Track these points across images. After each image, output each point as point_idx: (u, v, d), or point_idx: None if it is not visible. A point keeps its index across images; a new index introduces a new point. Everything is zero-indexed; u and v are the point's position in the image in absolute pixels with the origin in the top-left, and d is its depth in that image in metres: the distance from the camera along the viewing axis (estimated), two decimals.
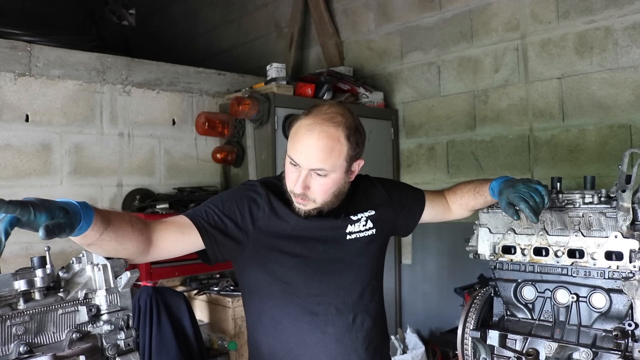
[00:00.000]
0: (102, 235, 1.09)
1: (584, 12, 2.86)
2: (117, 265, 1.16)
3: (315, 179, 1.38)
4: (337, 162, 1.38)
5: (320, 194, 1.40)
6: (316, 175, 1.37)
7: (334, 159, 1.37)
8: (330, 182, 1.40)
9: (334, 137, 1.36)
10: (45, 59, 2.82)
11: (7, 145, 2.72)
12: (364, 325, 1.50)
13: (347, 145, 1.39)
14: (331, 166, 1.37)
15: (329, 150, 1.36)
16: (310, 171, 1.37)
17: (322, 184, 1.39)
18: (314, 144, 1.35)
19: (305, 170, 1.37)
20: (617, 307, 1.38)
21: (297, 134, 1.38)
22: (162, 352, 2.37)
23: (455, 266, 3.42)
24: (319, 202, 1.42)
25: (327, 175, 1.38)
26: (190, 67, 3.42)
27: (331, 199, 1.44)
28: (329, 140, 1.36)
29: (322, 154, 1.35)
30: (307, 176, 1.38)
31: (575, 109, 2.92)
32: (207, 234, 1.35)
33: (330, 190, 1.41)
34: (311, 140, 1.35)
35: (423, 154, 3.64)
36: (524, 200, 1.39)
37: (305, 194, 1.40)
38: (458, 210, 1.73)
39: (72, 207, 1.01)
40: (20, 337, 1.01)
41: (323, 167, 1.36)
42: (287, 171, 1.43)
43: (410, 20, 3.65)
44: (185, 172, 3.39)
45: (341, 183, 1.43)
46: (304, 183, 1.38)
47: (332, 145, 1.36)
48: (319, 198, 1.41)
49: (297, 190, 1.38)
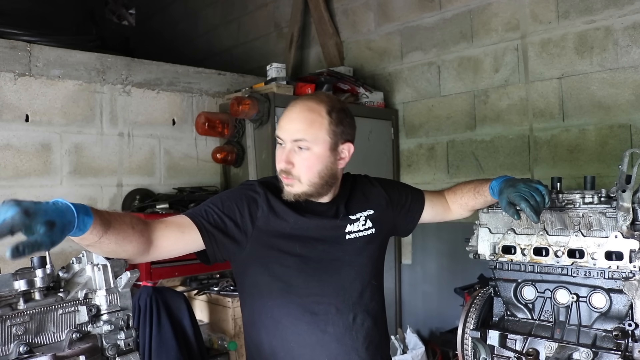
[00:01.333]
0: (102, 238, 1.09)
1: (584, 12, 2.86)
2: (117, 265, 1.17)
3: (298, 154, 1.40)
4: (318, 135, 1.40)
5: (304, 170, 1.41)
6: (299, 150, 1.40)
7: (315, 130, 1.40)
8: (313, 157, 1.40)
9: (314, 109, 1.41)
10: (45, 59, 2.82)
11: (7, 145, 2.72)
12: (364, 325, 1.50)
13: (327, 119, 1.42)
14: (312, 137, 1.39)
15: (309, 122, 1.40)
16: (294, 146, 1.40)
17: (305, 159, 1.40)
18: (295, 116, 1.41)
19: (289, 145, 1.40)
20: (617, 307, 1.38)
21: (285, 111, 1.45)
22: (162, 352, 2.37)
23: (455, 266, 3.42)
24: (304, 182, 1.41)
25: (309, 148, 1.40)
26: (190, 67, 3.42)
27: (318, 180, 1.43)
28: (309, 113, 1.41)
29: (302, 125, 1.40)
30: (291, 151, 1.41)
31: (575, 109, 2.92)
32: (207, 233, 1.35)
33: (314, 167, 1.41)
34: (293, 113, 1.42)
35: (423, 154, 3.64)
36: (524, 200, 1.39)
37: (289, 171, 1.41)
38: (458, 210, 1.73)
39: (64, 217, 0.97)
40: (20, 337, 1.01)
41: (304, 138, 1.39)
42: (276, 154, 1.45)
43: (410, 20, 3.65)
44: (185, 172, 3.38)
45: (327, 162, 1.43)
46: (287, 157, 1.40)
47: (313, 117, 1.41)
48: (303, 176, 1.41)
49: (281, 165, 1.41)
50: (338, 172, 1.49)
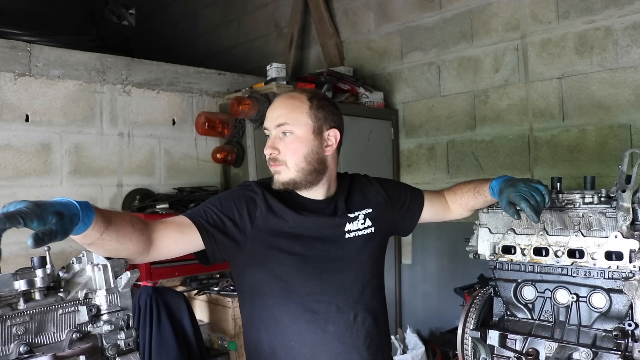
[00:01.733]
0: (103, 235, 1.09)
1: (584, 12, 2.86)
2: (117, 265, 1.17)
3: (282, 139, 1.45)
4: (299, 118, 1.45)
5: (289, 154, 1.44)
6: (283, 135, 1.45)
7: (296, 114, 1.45)
8: (297, 140, 1.44)
9: (295, 97, 1.49)
10: (45, 59, 2.82)
11: (7, 145, 2.72)
12: (365, 324, 1.50)
13: (308, 104, 1.47)
14: (294, 120, 1.44)
15: (290, 106, 1.47)
16: (278, 132, 1.45)
17: (289, 142, 1.45)
18: (278, 104, 1.49)
19: (273, 132, 1.46)
20: (617, 307, 1.38)
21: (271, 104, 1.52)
22: (162, 352, 2.37)
23: (455, 266, 3.42)
24: (291, 167, 1.44)
25: (292, 132, 1.44)
26: (190, 67, 3.42)
27: (305, 165, 1.45)
28: (290, 99, 1.49)
29: (283, 110, 1.47)
30: (276, 138, 1.46)
31: (575, 109, 2.92)
32: (207, 233, 1.35)
33: (299, 150, 1.45)
34: (276, 102, 1.50)
35: (423, 154, 3.64)
36: (524, 200, 1.39)
37: (276, 158, 1.45)
38: (458, 210, 1.73)
39: (70, 209, 0.99)
40: (21, 337, 1.01)
41: (286, 122, 1.44)
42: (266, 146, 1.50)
43: (410, 20, 3.65)
44: (185, 172, 3.38)
45: (312, 146, 1.46)
46: (272, 144, 1.45)
47: (293, 102, 1.48)
48: (289, 160, 1.44)
49: (267, 151, 1.46)
50: (327, 160, 1.50)
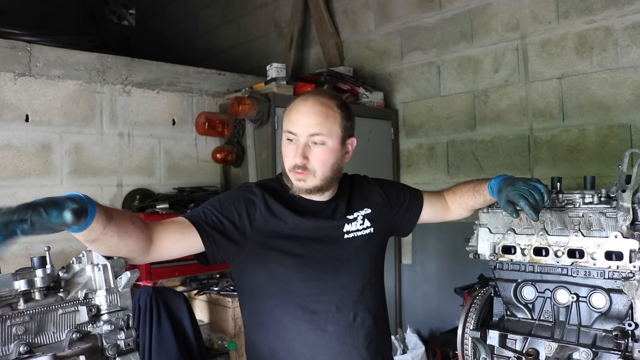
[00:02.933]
0: (106, 229, 1.08)
1: (584, 12, 2.86)
2: (117, 265, 1.16)
3: (313, 148, 1.41)
4: (332, 128, 1.42)
5: (319, 164, 1.41)
6: (314, 144, 1.40)
7: (330, 123, 1.41)
8: (328, 151, 1.42)
9: (327, 104, 1.43)
10: (45, 59, 2.82)
11: (7, 145, 2.72)
12: (364, 324, 1.50)
13: (339, 113, 1.44)
14: (328, 131, 1.41)
15: (324, 115, 1.41)
16: (308, 140, 1.40)
17: (321, 153, 1.41)
18: (310, 110, 1.41)
19: (303, 139, 1.40)
20: (617, 307, 1.38)
21: (292, 108, 1.45)
22: (162, 352, 2.37)
23: (455, 266, 3.42)
24: (318, 176, 1.42)
25: (324, 143, 1.41)
26: (190, 67, 3.42)
27: (330, 174, 1.44)
28: (323, 107, 1.42)
29: (318, 119, 1.40)
30: (305, 146, 1.40)
31: (575, 109, 2.92)
32: (207, 234, 1.35)
33: (328, 161, 1.42)
34: (306, 107, 1.42)
35: (423, 154, 3.64)
36: (523, 198, 1.38)
37: (305, 166, 1.40)
38: (458, 211, 1.73)
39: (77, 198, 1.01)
40: (20, 337, 1.01)
41: (320, 132, 1.40)
42: (284, 151, 1.45)
43: (410, 20, 3.65)
44: (185, 172, 3.38)
45: (338, 156, 1.45)
46: (303, 152, 1.40)
47: (327, 111, 1.42)
48: (318, 170, 1.42)
49: (298, 160, 1.40)
50: (343, 167, 1.51)
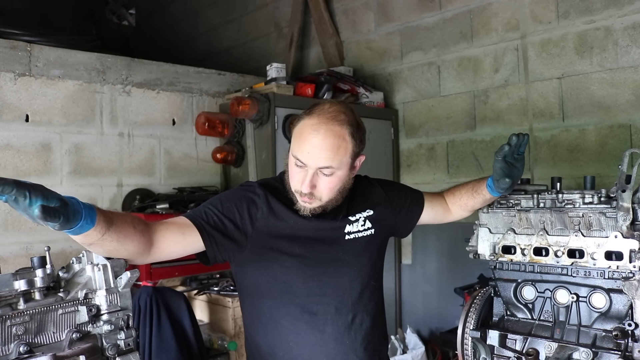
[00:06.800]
0: (104, 236, 1.09)
1: (584, 12, 2.86)
2: (117, 265, 1.17)
3: (321, 177, 1.39)
4: (343, 160, 1.40)
5: (326, 192, 1.42)
6: (322, 174, 1.39)
7: (341, 156, 1.39)
8: (336, 180, 1.41)
9: (339, 135, 1.38)
10: (45, 59, 2.82)
11: (7, 145, 2.72)
12: (362, 325, 1.50)
13: (352, 143, 1.41)
14: (338, 164, 1.39)
15: (335, 149, 1.37)
16: (317, 170, 1.38)
17: (328, 182, 1.40)
18: (321, 143, 1.36)
19: (312, 170, 1.38)
20: (617, 307, 1.38)
21: (303, 134, 1.39)
22: (162, 352, 2.37)
23: (455, 266, 3.42)
24: (324, 200, 1.43)
25: (333, 173, 1.39)
26: (190, 67, 3.42)
27: (336, 196, 1.45)
28: (335, 139, 1.37)
29: (329, 153, 1.37)
30: (314, 175, 1.39)
31: (575, 109, 2.92)
32: (207, 234, 1.35)
33: (335, 187, 1.43)
34: (318, 139, 1.36)
35: (423, 154, 3.64)
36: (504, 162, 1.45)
37: (312, 193, 1.40)
38: (458, 211, 1.73)
39: (73, 204, 1.01)
40: (20, 337, 1.01)
41: (331, 165, 1.38)
42: (291, 172, 1.43)
43: (410, 20, 3.65)
44: (185, 172, 3.38)
45: (345, 180, 1.45)
46: (311, 182, 1.39)
47: (339, 143, 1.38)
48: (325, 196, 1.42)
49: (305, 189, 1.39)
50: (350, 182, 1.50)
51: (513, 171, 1.46)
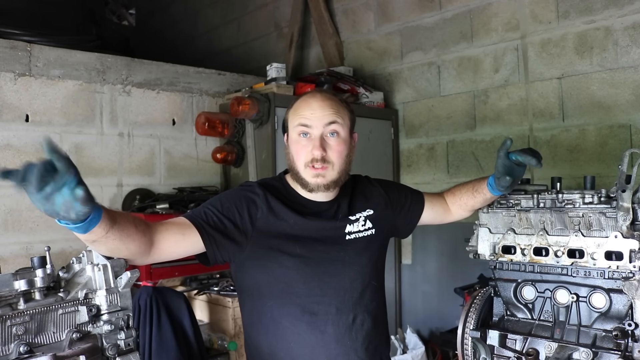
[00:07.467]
0: (108, 233, 1.08)
1: (584, 12, 2.86)
2: (117, 265, 1.17)
3: (328, 141, 1.44)
4: (344, 117, 1.47)
5: (337, 155, 1.44)
6: (328, 137, 1.43)
7: (342, 114, 1.46)
8: (342, 142, 1.45)
9: (334, 98, 1.49)
10: (45, 59, 2.82)
11: (7, 145, 2.72)
12: (364, 326, 1.50)
13: (347, 109, 1.50)
14: (341, 119, 1.45)
15: (336, 106, 1.46)
16: (324, 131, 1.43)
17: (336, 144, 1.44)
18: (321, 102, 1.45)
19: (319, 130, 1.43)
20: (617, 307, 1.38)
21: (300, 104, 1.48)
22: (162, 352, 2.37)
23: (455, 266, 3.42)
24: (336, 168, 1.45)
25: (338, 133, 1.44)
26: (190, 67, 3.42)
27: (344, 167, 1.47)
28: (333, 100, 1.47)
29: (332, 109, 1.44)
30: (322, 139, 1.43)
31: (575, 109, 2.92)
32: (207, 234, 1.35)
33: (343, 152, 1.46)
34: (317, 101, 1.45)
35: (423, 154, 3.64)
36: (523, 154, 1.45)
37: (324, 158, 1.42)
38: (458, 211, 1.73)
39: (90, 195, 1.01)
40: (21, 337, 1.01)
41: (336, 119, 1.44)
42: (297, 148, 1.45)
43: (410, 20, 3.65)
44: (185, 172, 3.38)
45: (349, 147, 1.49)
46: (322, 144, 1.42)
47: (337, 103, 1.47)
48: (336, 161, 1.44)
49: (317, 153, 1.41)
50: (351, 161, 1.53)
51: (514, 170, 1.46)
